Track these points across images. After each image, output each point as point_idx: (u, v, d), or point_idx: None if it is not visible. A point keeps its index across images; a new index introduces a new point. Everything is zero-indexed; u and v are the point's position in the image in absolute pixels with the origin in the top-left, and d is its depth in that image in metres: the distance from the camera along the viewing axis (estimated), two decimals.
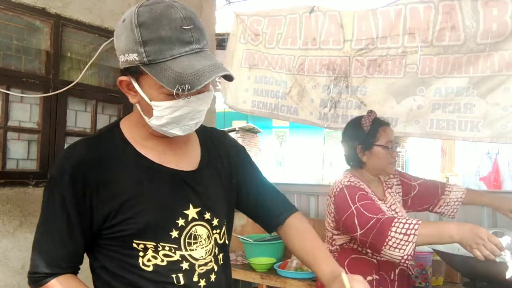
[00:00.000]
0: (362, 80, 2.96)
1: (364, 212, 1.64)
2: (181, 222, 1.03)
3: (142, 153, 1.04)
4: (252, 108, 3.43)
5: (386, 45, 2.81)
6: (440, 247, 1.76)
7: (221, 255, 1.11)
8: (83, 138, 1.07)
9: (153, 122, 0.98)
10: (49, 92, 2.50)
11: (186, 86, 0.87)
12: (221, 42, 4.83)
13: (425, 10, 2.64)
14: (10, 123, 2.41)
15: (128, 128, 1.06)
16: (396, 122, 2.82)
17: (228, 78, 0.94)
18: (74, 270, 1.03)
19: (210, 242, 1.08)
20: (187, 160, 1.10)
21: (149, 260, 1.00)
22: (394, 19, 2.77)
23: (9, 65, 2.40)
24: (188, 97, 0.93)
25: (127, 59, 0.92)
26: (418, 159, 13.05)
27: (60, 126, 2.57)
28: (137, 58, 0.90)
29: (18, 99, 2.44)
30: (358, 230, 1.64)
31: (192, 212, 1.05)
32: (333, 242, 1.87)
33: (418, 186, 2.04)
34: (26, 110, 2.48)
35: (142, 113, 1.00)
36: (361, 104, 2.96)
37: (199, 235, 1.05)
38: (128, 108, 2.90)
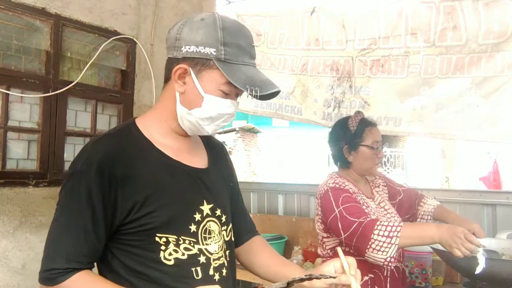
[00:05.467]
0: (365, 80, 2.96)
1: (347, 216, 1.65)
2: (197, 217, 1.09)
3: (161, 150, 1.10)
4: (255, 108, 3.45)
5: (388, 45, 2.82)
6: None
7: (228, 251, 1.16)
8: (104, 134, 1.11)
9: (196, 113, 1.07)
10: (49, 92, 2.49)
11: (257, 89, 1.02)
12: None
13: (426, 10, 2.65)
14: (10, 123, 2.39)
15: (145, 126, 1.12)
16: (400, 122, 2.84)
17: (275, 94, 1.09)
18: (91, 266, 1.03)
19: (221, 238, 1.14)
20: (198, 158, 1.19)
21: (170, 254, 1.03)
22: (395, 19, 2.77)
23: (9, 65, 2.39)
24: (238, 98, 1.10)
25: (200, 51, 1.03)
26: (418, 159, 13.07)
27: (60, 126, 2.56)
28: (214, 53, 1.02)
29: (18, 99, 2.42)
30: (342, 234, 1.65)
31: (206, 208, 1.12)
32: (324, 245, 1.86)
33: (403, 192, 2.06)
34: (26, 110, 2.47)
35: (180, 104, 1.08)
36: (364, 104, 2.97)
37: (213, 230, 1.12)
38: (128, 108, 2.89)
